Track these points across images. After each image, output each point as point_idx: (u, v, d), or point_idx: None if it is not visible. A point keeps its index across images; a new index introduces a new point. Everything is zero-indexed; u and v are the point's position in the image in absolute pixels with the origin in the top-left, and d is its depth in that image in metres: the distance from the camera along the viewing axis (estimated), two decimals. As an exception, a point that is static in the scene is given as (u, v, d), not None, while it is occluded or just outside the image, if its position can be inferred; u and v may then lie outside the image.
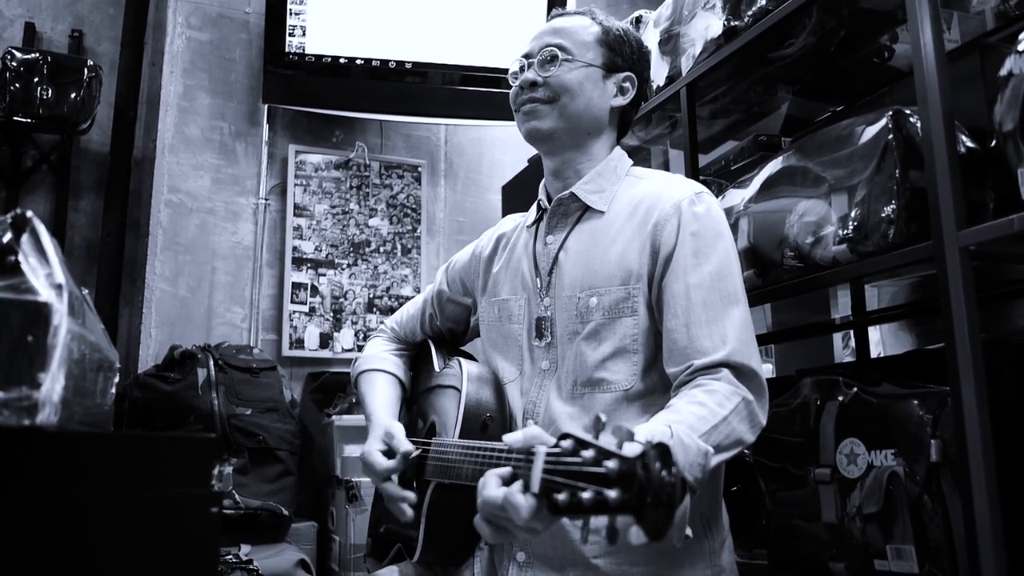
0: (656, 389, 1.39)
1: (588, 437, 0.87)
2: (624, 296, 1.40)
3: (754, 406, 1.28)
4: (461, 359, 1.58)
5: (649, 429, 1.15)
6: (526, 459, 0.98)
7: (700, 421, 1.20)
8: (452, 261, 1.81)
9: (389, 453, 1.47)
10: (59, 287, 0.83)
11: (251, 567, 2.42)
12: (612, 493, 0.80)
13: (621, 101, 1.57)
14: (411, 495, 1.42)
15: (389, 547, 1.60)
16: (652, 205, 1.45)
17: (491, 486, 1.04)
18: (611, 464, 0.82)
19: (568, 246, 1.51)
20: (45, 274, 0.83)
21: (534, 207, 1.63)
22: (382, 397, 1.66)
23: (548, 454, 0.90)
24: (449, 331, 1.80)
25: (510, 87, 1.59)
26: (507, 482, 1.03)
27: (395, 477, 1.46)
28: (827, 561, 1.64)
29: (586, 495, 0.82)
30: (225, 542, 2.58)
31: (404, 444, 1.46)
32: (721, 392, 1.25)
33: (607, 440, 0.86)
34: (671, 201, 1.43)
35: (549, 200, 1.58)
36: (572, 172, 1.55)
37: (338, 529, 3.09)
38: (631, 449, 0.83)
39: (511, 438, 1.04)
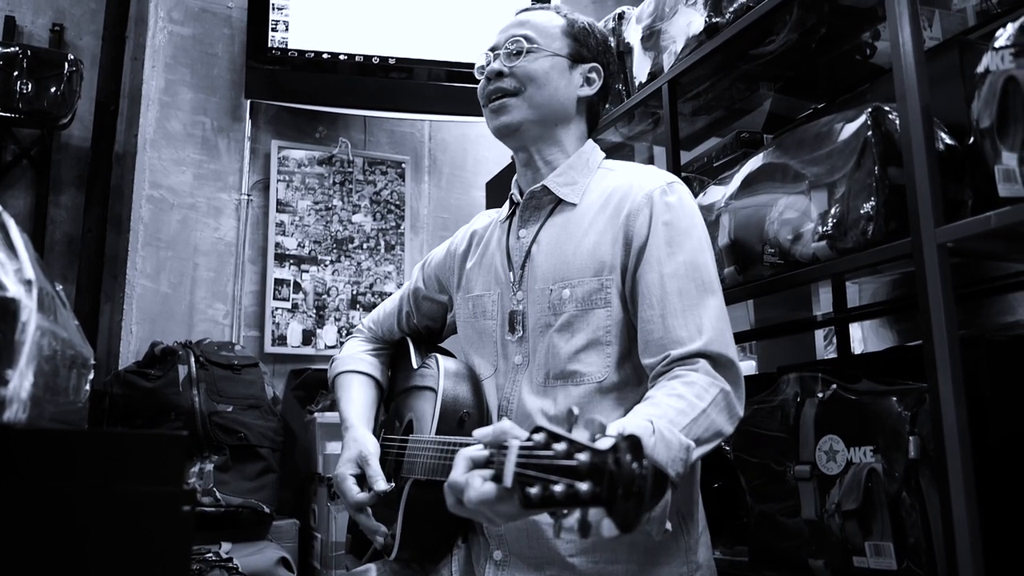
0: (630, 382, 1.39)
1: (560, 430, 0.87)
2: (597, 288, 1.40)
3: (732, 397, 1.28)
4: (438, 356, 1.58)
5: (629, 423, 1.15)
6: (499, 452, 0.98)
7: (680, 415, 1.20)
8: (428, 258, 1.80)
9: (362, 478, 1.49)
10: (28, 283, 0.82)
11: (231, 565, 2.41)
12: (583, 486, 0.80)
13: (588, 91, 1.57)
14: (384, 529, 1.44)
15: (369, 543, 1.60)
16: (624, 196, 1.45)
17: (459, 468, 1.04)
18: (583, 457, 0.82)
19: (540, 239, 1.51)
20: (14, 269, 0.82)
21: (507, 203, 1.63)
22: (358, 402, 1.66)
23: (521, 447, 0.90)
24: (426, 328, 1.80)
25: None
26: (478, 465, 1.03)
27: (369, 509, 1.47)
28: (807, 558, 1.65)
29: (558, 488, 0.82)
30: (205, 540, 2.57)
31: (377, 480, 1.46)
32: (699, 383, 1.25)
33: (579, 433, 0.86)
34: (643, 192, 1.43)
35: (521, 195, 1.58)
36: (543, 164, 1.55)
37: (320, 527, 3.08)
38: (603, 442, 0.83)
39: (480, 432, 1.04)
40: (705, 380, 1.26)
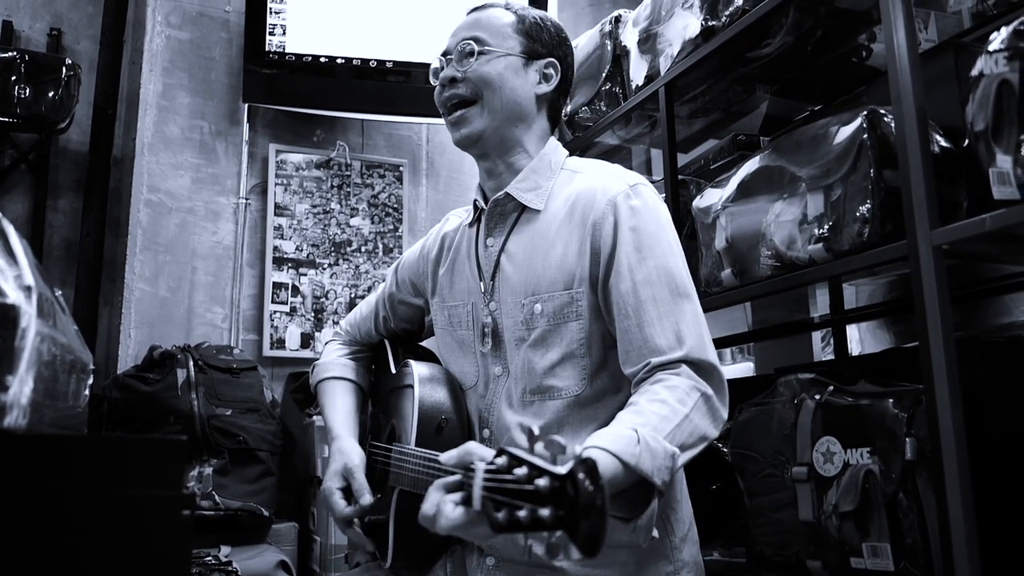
0: (607, 391, 1.39)
1: (522, 453, 0.87)
2: (568, 301, 1.39)
3: (714, 400, 1.28)
4: (413, 361, 1.56)
5: (613, 434, 1.16)
6: (466, 475, 0.98)
7: (663, 421, 1.20)
8: (400, 261, 1.78)
9: (348, 490, 1.49)
10: (28, 289, 0.83)
11: (230, 568, 2.41)
12: (545, 512, 0.80)
13: (545, 88, 1.54)
14: (371, 545, 1.46)
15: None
16: (588, 203, 1.42)
17: (430, 500, 1.06)
18: (542, 482, 0.82)
19: (509, 249, 1.49)
20: (14, 276, 0.82)
21: (471, 207, 1.60)
22: (342, 410, 1.66)
23: (486, 471, 0.91)
24: (404, 331, 1.79)
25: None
26: (449, 491, 1.05)
27: (356, 522, 1.48)
28: (805, 559, 1.65)
29: (522, 513, 0.82)
30: (204, 543, 2.57)
31: (363, 493, 1.47)
32: (681, 387, 1.25)
33: (541, 455, 0.86)
34: (606, 197, 1.41)
35: (485, 200, 1.55)
36: (505, 169, 1.53)
37: (319, 530, 3.08)
38: (561, 466, 0.83)
39: (447, 456, 1.06)
40: (687, 384, 1.26)
